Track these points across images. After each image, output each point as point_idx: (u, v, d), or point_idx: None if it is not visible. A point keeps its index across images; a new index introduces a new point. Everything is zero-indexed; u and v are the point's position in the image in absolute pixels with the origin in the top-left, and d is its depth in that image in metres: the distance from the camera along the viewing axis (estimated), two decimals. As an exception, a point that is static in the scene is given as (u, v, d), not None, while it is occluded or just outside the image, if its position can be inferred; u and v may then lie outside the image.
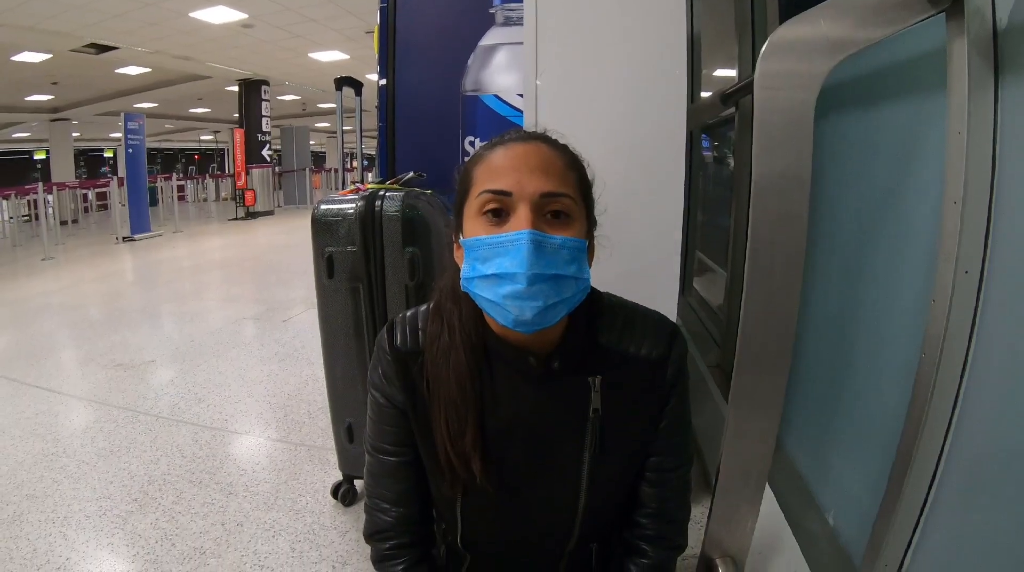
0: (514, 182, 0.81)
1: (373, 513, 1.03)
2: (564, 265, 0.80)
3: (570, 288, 0.81)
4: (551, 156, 0.84)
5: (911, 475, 1.02)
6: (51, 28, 8.75)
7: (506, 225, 0.81)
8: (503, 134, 0.89)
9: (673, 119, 1.72)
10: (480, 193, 0.83)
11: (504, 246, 0.79)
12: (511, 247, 0.78)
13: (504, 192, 0.81)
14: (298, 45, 10.80)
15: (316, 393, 3.43)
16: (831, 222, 1.58)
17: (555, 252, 0.80)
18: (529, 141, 0.85)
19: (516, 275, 0.77)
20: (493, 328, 0.90)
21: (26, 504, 2.36)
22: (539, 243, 0.78)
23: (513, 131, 0.91)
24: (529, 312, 0.79)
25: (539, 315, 0.79)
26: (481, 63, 2.50)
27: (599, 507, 1.00)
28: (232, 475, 2.57)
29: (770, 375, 1.10)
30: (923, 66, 1.16)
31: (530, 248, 0.77)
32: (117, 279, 7.45)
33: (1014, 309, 0.89)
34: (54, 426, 3.12)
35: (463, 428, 0.90)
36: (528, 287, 0.77)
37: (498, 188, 0.81)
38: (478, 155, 0.88)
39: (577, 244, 0.82)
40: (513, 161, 0.82)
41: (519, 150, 0.84)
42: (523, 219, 0.79)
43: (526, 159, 0.82)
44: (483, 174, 0.84)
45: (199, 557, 2.02)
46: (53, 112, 16.43)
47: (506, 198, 0.81)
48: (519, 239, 0.78)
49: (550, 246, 0.79)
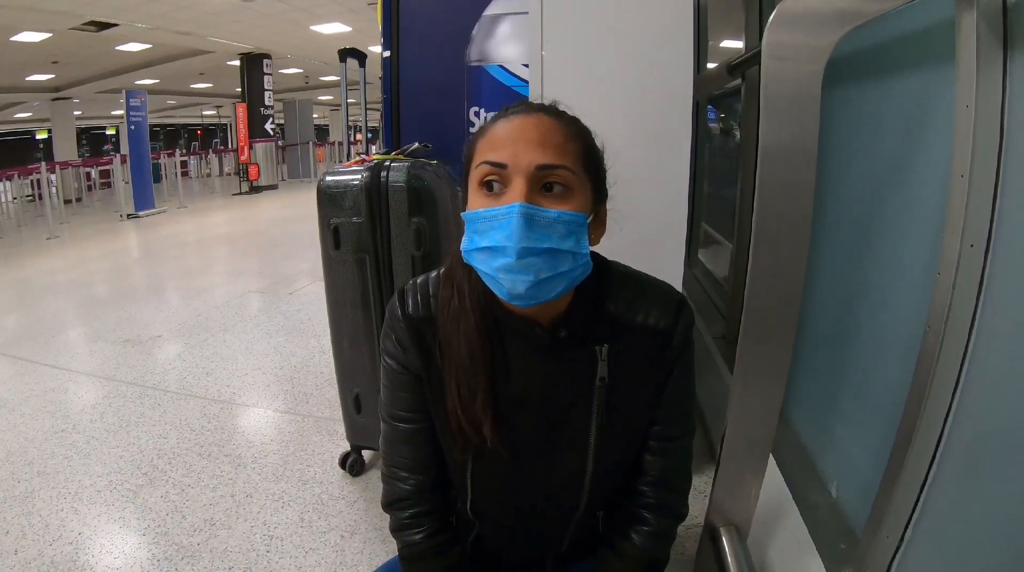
0: (510, 154, 0.80)
1: (391, 482, 1.04)
2: (559, 239, 0.79)
3: (566, 262, 0.81)
4: (551, 127, 0.83)
5: (914, 447, 1.02)
6: (50, 7, 8.68)
7: (502, 198, 0.80)
8: (509, 106, 0.88)
9: (679, 90, 1.71)
10: (479, 164, 0.83)
11: (497, 219, 0.79)
12: (503, 220, 0.78)
13: (500, 164, 0.80)
14: (299, 18, 10.70)
15: (323, 365, 3.46)
16: (837, 194, 1.57)
17: (549, 226, 0.79)
18: (530, 113, 0.84)
19: (506, 249, 0.77)
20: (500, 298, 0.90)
21: (37, 480, 2.40)
22: (530, 217, 0.78)
23: (520, 103, 0.90)
24: (521, 285, 0.79)
25: (532, 289, 0.79)
26: (486, 33, 2.47)
27: (606, 475, 1.00)
28: (240, 447, 2.61)
29: (775, 346, 1.11)
30: (931, 38, 1.14)
31: (519, 221, 0.77)
32: (122, 256, 7.47)
33: (1019, 283, 0.88)
34: (64, 403, 3.15)
35: (474, 392, 0.91)
36: (518, 260, 0.77)
37: (494, 160, 0.81)
38: (483, 127, 0.88)
39: (574, 218, 0.81)
40: (511, 133, 0.82)
41: (518, 122, 0.83)
42: (516, 192, 0.79)
43: (525, 131, 0.82)
44: (484, 146, 0.84)
45: (209, 528, 2.06)
46: (54, 91, 16.32)
47: (502, 170, 0.80)
48: (510, 212, 0.78)
49: (543, 220, 0.79)
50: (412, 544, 1.03)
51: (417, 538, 1.02)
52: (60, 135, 17.26)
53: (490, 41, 2.47)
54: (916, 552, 1.07)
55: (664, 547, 1.06)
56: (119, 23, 9.97)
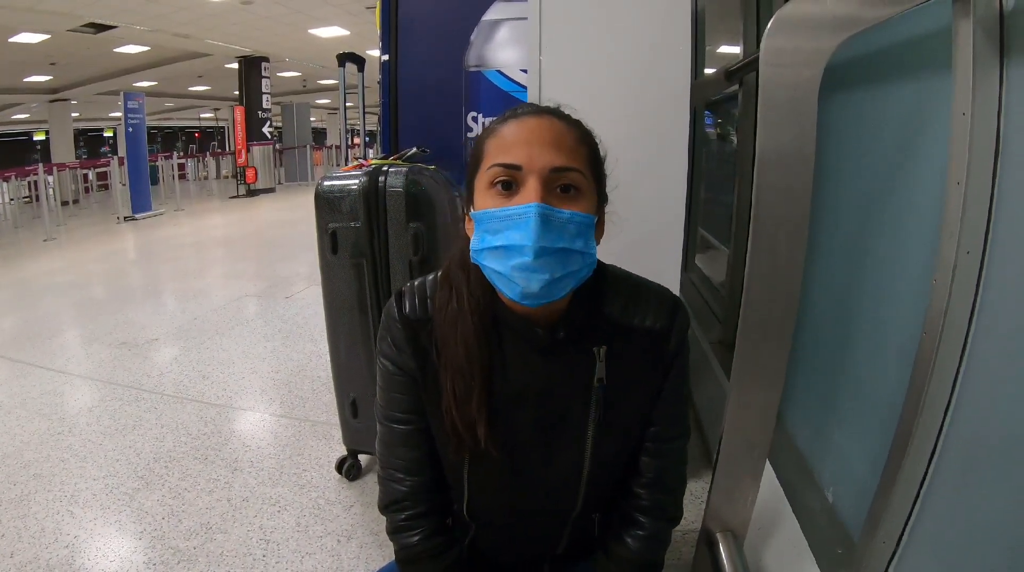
0: (525, 156, 0.81)
1: (387, 484, 1.04)
2: (571, 239, 0.81)
3: (576, 262, 0.82)
4: (563, 130, 0.84)
5: (910, 452, 1.03)
6: (48, 8, 8.69)
7: (516, 198, 0.81)
8: (516, 107, 0.89)
9: (677, 95, 1.72)
10: (491, 166, 0.83)
11: (513, 219, 0.80)
12: (520, 220, 0.79)
13: (514, 166, 0.81)
14: (298, 21, 10.71)
15: (320, 369, 3.45)
16: (834, 200, 1.58)
17: (562, 226, 0.80)
18: (542, 115, 0.86)
19: (524, 248, 0.78)
20: (502, 298, 0.91)
21: (33, 483, 2.39)
22: (547, 217, 0.79)
23: (527, 105, 0.91)
24: (536, 284, 0.80)
25: (546, 288, 0.80)
26: (484, 38, 2.48)
27: (602, 476, 1.01)
28: (237, 451, 2.60)
29: (772, 350, 1.11)
30: (928, 46, 1.15)
31: (538, 221, 0.78)
32: (119, 258, 7.46)
33: (1015, 290, 0.89)
34: (60, 406, 3.14)
35: (470, 394, 0.91)
36: (535, 260, 0.78)
37: (509, 162, 0.82)
38: (490, 128, 0.88)
39: (585, 219, 0.82)
40: (525, 135, 0.83)
41: (531, 124, 0.84)
42: (532, 192, 0.80)
43: (538, 133, 0.83)
44: (495, 147, 0.85)
45: (206, 533, 2.05)
46: (52, 93, 16.33)
47: (516, 172, 0.81)
48: (527, 212, 0.79)
49: (557, 220, 0.80)
50: (409, 546, 1.03)
51: (414, 540, 1.02)
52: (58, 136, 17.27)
53: (489, 46, 2.48)
54: (912, 557, 1.08)
55: (658, 551, 1.06)
56: (117, 25, 9.99)
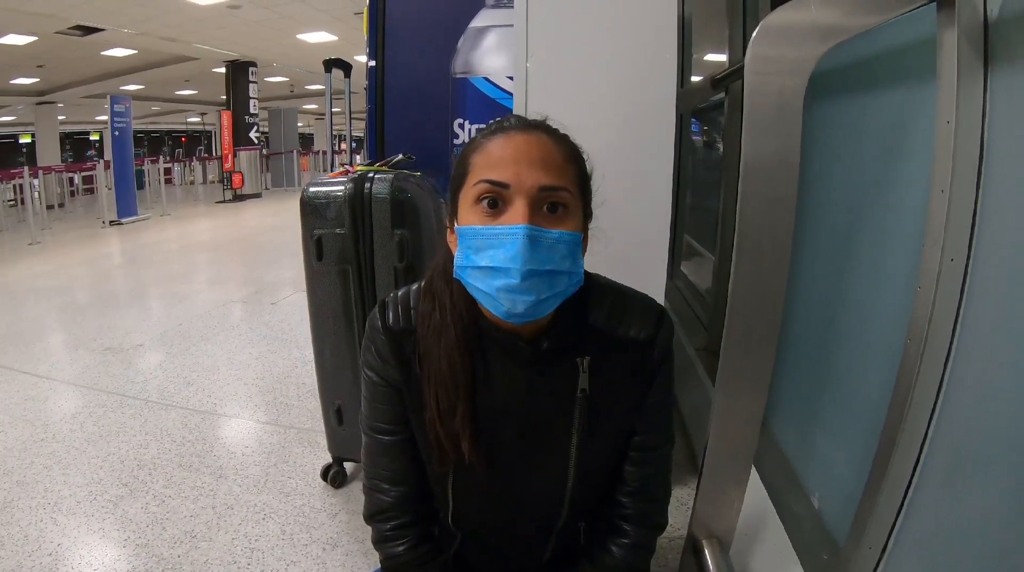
0: (512, 174, 0.80)
1: (372, 494, 1.03)
2: (559, 260, 0.80)
3: (563, 282, 0.81)
4: (551, 148, 0.83)
5: (895, 458, 1.03)
6: (35, 10, 8.64)
7: (502, 217, 0.80)
8: (502, 120, 0.88)
9: (663, 103, 1.72)
10: (477, 182, 0.82)
11: (500, 238, 0.79)
12: (507, 240, 0.78)
13: (502, 184, 0.80)
14: (286, 26, 10.70)
15: (305, 376, 3.43)
16: (819, 207, 1.59)
17: (551, 247, 0.79)
18: (530, 131, 0.84)
19: (510, 270, 0.77)
20: (484, 313, 0.90)
21: (16, 491, 2.36)
22: (535, 238, 0.78)
23: (513, 118, 0.89)
24: (521, 306, 0.79)
25: (531, 308, 0.79)
26: (471, 45, 2.48)
27: (587, 486, 1.00)
28: (222, 458, 2.58)
29: (757, 357, 1.11)
30: (913, 55, 1.16)
31: (525, 243, 0.77)
32: (105, 263, 7.39)
33: (998, 297, 0.90)
34: (43, 412, 3.10)
35: (453, 407, 0.90)
36: (522, 282, 0.77)
37: (496, 179, 0.80)
38: (477, 141, 0.87)
39: (573, 238, 0.81)
40: (513, 152, 0.81)
41: (519, 140, 0.82)
42: (519, 213, 0.78)
43: (526, 150, 0.81)
44: (481, 163, 0.83)
45: (190, 540, 2.03)
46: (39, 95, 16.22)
47: (503, 190, 0.80)
48: (515, 234, 0.77)
49: (546, 241, 0.79)
50: (394, 556, 1.02)
51: (399, 550, 1.02)
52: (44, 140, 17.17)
53: (475, 53, 2.48)
54: (898, 562, 1.08)
55: (643, 559, 1.06)
56: (105, 28, 9.95)
